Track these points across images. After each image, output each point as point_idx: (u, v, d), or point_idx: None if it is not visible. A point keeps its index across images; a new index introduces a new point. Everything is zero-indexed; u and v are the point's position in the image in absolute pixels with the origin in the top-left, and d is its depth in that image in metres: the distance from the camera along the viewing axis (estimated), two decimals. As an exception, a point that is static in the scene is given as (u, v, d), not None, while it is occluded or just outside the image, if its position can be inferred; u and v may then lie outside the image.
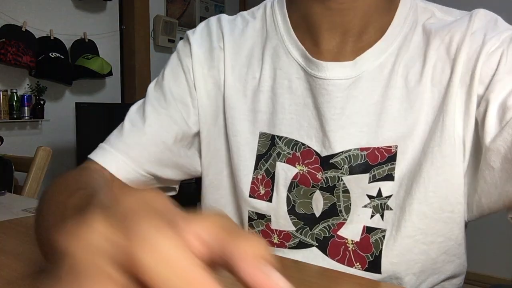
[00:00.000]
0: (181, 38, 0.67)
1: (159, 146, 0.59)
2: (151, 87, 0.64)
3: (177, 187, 0.68)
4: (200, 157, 0.64)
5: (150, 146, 0.59)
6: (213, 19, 0.65)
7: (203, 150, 0.62)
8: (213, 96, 0.61)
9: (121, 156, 0.57)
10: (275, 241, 0.58)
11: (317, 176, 0.55)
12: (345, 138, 0.54)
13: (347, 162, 0.54)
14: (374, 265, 0.53)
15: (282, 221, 0.57)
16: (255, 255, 0.18)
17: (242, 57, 0.61)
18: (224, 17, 0.65)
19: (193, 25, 3.42)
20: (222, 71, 0.61)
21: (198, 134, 0.63)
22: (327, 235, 0.55)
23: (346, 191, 0.54)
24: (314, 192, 0.56)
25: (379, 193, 0.53)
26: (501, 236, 2.46)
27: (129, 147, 0.58)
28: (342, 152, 0.54)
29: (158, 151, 0.59)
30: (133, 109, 0.63)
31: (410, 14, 0.55)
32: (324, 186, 0.55)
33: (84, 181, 0.46)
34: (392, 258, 0.53)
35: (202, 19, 3.52)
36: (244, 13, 0.65)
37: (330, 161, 0.55)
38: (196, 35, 0.63)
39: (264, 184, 0.58)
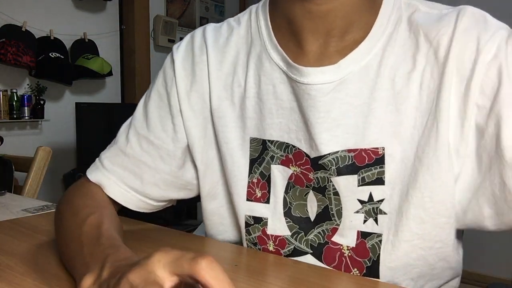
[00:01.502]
0: (181, 38, 0.68)
1: (141, 167, 0.63)
2: (140, 104, 0.67)
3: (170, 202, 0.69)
4: (196, 171, 0.64)
5: (133, 167, 0.63)
6: (198, 31, 0.65)
7: (197, 163, 0.63)
8: (198, 109, 0.62)
9: (110, 176, 0.63)
10: (271, 248, 0.58)
11: (309, 176, 0.56)
12: (331, 140, 0.54)
13: (334, 163, 0.54)
14: (372, 271, 0.53)
15: (278, 225, 0.57)
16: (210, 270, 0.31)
17: (227, 66, 0.61)
18: (209, 27, 0.65)
19: (193, 25, 3.42)
20: (206, 84, 0.61)
21: (189, 150, 0.63)
22: (322, 242, 0.55)
23: (336, 193, 0.54)
24: (308, 192, 0.56)
25: (371, 197, 0.53)
26: (500, 236, 2.46)
27: (116, 167, 0.64)
28: (329, 154, 0.54)
29: (140, 171, 0.63)
30: (123, 128, 0.67)
31: (394, 12, 0.54)
32: (316, 186, 0.55)
33: (90, 205, 0.57)
34: (390, 263, 0.52)
35: (202, 19, 3.53)
36: (231, 19, 0.65)
37: (319, 162, 0.55)
38: (180, 51, 0.64)
39: (260, 187, 0.59)
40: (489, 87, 0.48)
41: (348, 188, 0.53)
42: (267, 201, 0.58)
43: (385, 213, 0.53)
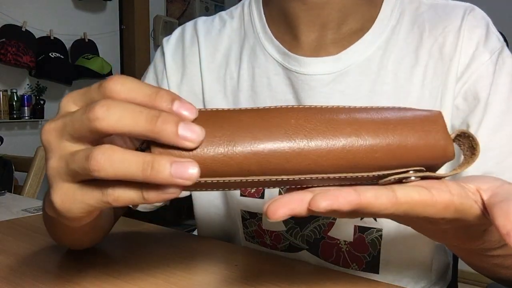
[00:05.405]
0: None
1: None
2: None
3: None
4: None
5: None
6: (189, 24, 0.65)
7: None
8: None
9: None
10: (268, 242, 0.58)
11: None
12: None
13: None
14: (372, 265, 0.53)
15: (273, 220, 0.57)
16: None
17: (219, 58, 0.61)
18: (200, 20, 0.65)
19: (193, 25, 3.43)
20: (198, 76, 0.61)
21: None
22: (318, 237, 0.55)
23: None
24: None
25: None
26: (501, 236, 2.45)
27: None
28: None
29: None
30: None
31: (397, 6, 0.55)
32: None
33: None
34: (390, 257, 0.53)
35: (202, 19, 3.53)
36: (223, 13, 0.65)
37: None
38: (170, 43, 0.64)
39: None
40: (471, 96, 0.50)
41: None
42: (262, 197, 0.58)
43: None
